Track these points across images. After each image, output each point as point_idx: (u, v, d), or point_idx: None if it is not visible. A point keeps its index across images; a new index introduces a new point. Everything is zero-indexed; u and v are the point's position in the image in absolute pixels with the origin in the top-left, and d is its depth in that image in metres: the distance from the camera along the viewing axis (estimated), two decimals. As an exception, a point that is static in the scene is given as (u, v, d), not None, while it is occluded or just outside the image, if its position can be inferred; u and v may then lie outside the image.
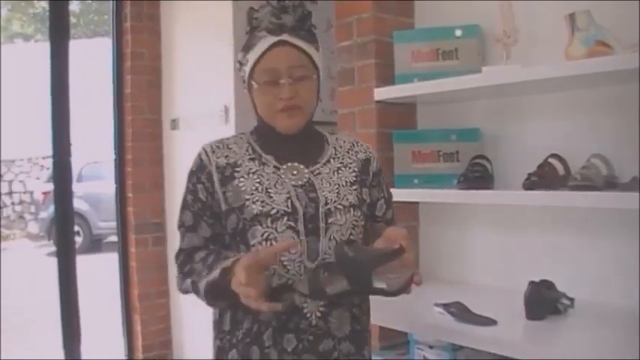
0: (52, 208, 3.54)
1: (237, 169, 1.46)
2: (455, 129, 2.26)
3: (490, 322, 1.82)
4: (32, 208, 10.49)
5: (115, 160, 3.95)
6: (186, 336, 3.71)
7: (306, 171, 1.47)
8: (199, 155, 1.50)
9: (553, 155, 1.96)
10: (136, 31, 3.82)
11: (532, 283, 1.85)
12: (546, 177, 1.90)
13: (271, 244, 1.38)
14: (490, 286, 2.24)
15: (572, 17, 1.82)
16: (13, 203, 10.84)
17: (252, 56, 1.45)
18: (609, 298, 1.92)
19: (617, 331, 1.71)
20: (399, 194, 2.21)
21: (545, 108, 2.10)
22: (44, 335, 4.40)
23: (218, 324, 1.51)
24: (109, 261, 4.85)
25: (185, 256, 1.47)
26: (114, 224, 4.14)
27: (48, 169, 9.99)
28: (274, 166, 1.46)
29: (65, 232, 3.45)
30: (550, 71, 1.80)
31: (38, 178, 10.54)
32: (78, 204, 7.88)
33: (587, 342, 1.63)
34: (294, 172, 1.46)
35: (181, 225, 1.49)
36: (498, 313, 1.86)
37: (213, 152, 1.48)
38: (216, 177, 1.45)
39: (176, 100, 3.76)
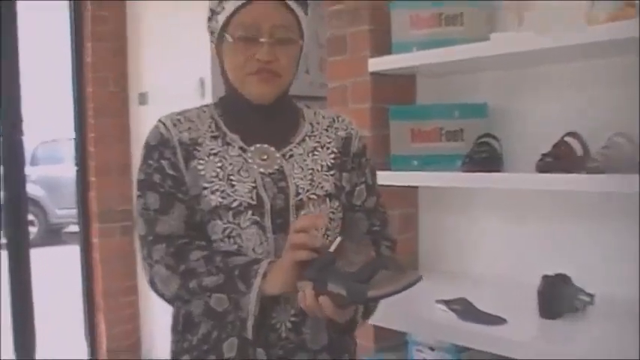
0: (1, 194, 3.50)
1: (199, 148, 1.39)
2: (459, 104, 2.25)
3: (499, 320, 1.82)
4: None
5: (75, 138, 3.93)
6: (158, 338, 3.70)
7: (278, 155, 1.41)
8: (157, 129, 1.40)
9: (570, 133, 1.95)
10: (98, -9, 3.78)
11: (546, 277, 1.85)
12: (562, 158, 1.89)
13: (235, 242, 1.33)
14: (498, 281, 2.25)
15: (593, -23, 1.81)
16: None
17: (231, 5, 1.36)
18: (633, 294, 1.92)
19: (641, 330, 1.72)
20: (395, 177, 2.23)
21: (562, 80, 2.10)
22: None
23: (174, 324, 1.45)
24: (69, 254, 4.83)
25: (169, 247, 1.33)
26: (74, 212, 4.14)
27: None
28: (240, 148, 1.40)
29: (17, 221, 3.44)
30: (567, 38, 1.79)
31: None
32: (32, 189, 7.84)
33: (607, 342, 1.64)
34: (264, 156, 1.40)
35: (146, 209, 1.36)
36: (508, 310, 1.86)
37: (175, 126, 1.40)
38: (180, 154, 1.37)
39: (145, 72, 3.73)
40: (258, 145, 1.41)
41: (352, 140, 1.51)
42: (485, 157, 2.06)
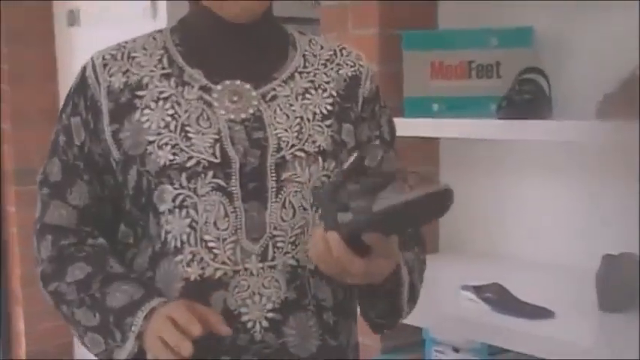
0: None
1: (141, 92, 1.37)
2: (495, 28, 2.27)
3: (544, 313, 1.84)
4: None
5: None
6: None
7: (254, 95, 1.37)
8: (83, 70, 1.42)
9: (644, 66, 1.94)
10: None
11: (608, 257, 1.86)
12: (631, 100, 1.86)
13: (187, 214, 1.31)
14: (543, 262, 2.26)
15: None
16: None
17: None
18: None
19: None
20: (410, 126, 2.21)
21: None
22: None
23: None
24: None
25: (53, 248, 1.44)
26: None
27: None
28: (201, 88, 1.37)
29: None
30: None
31: None
32: None
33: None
34: (235, 97, 1.36)
35: (44, 181, 1.44)
36: (556, 300, 1.88)
37: (106, 66, 1.39)
38: (105, 106, 1.37)
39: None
40: (227, 82, 1.37)
41: (362, 81, 1.48)
42: (530, 100, 2.06)
